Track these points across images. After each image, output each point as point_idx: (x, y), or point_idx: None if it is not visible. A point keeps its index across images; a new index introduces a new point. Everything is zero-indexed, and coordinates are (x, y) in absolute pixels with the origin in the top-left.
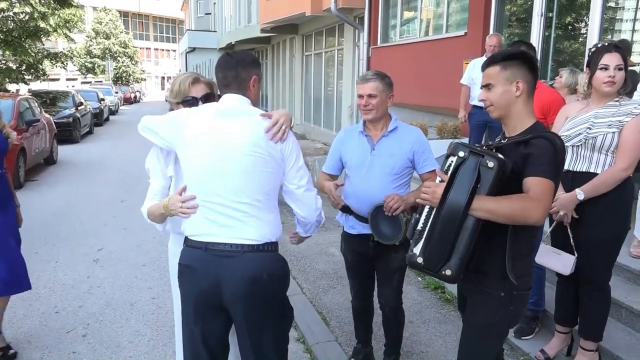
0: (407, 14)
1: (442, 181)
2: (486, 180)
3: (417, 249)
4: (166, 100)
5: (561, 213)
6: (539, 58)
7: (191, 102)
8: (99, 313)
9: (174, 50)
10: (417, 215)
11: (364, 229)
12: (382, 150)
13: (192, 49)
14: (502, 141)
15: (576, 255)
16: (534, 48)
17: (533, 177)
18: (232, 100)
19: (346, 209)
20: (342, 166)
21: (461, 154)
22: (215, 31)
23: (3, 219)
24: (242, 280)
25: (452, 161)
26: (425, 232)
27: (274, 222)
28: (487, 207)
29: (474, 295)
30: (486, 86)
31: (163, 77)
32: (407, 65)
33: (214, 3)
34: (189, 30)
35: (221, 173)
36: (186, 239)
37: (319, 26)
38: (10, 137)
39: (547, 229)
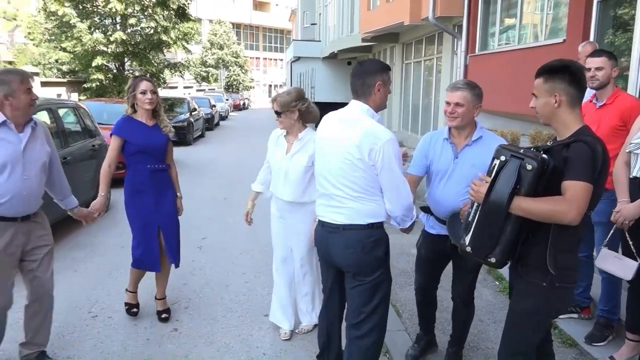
0: (507, 21)
1: (487, 181)
2: (526, 181)
3: (467, 239)
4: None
5: (626, 222)
6: (637, 65)
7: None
8: (199, 291)
9: (281, 60)
10: (470, 209)
11: (442, 229)
12: (464, 160)
13: (297, 58)
14: (548, 144)
15: (639, 261)
16: (614, 56)
17: (569, 180)
18: (352, 108)
19: (427, 209)
20: (427, 168)
21: (502, 157)
22: (319, 41)
23: (155, 207)
24: (342, 247)
25: (495, 163)
26: (473, 226)
27: (369, 210)
28: (523, 207)
29: (518, 283)
30: (534, 95)
31: (270, 85)
32: (504, 73)
33: (319, 14)
34: (295, 40)
35: (329, 172)
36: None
37: (419, 35)
38: (169, 134)
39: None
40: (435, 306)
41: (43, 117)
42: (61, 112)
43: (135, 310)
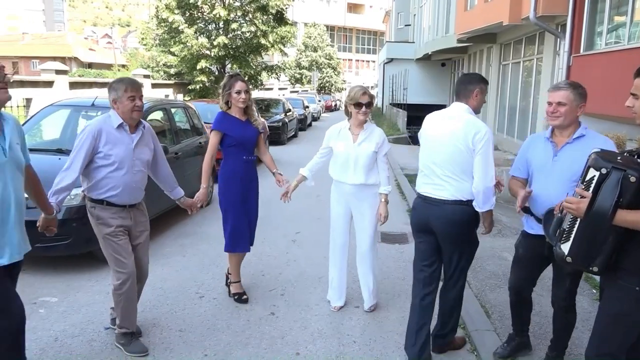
0: (617, 19)
1: (582, 196)
2: (628, 193)
3: (565, 248)
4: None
5: None
6: None
7: (358, 104)
8: (294, 280)
9: (373, 61)
10: (560, 214)
11: (541, 230)
12: (564, 157)
13: (390, 60)
14: None
15: None
16: None
17: None
18: (456, 107)
19: (527, 210)
20: (528, 170)
21: (603, 170)
22: (413, 42)
23: (246, 193)
24: (441, 219)
25: (594, 175)
26: (573, 236)
27: (467, 189)
28: (629, 220)
29: (610, 287)
30: (633, 95)
31: None
32: (612, 73)
33: (414, 15)
34: (388, 42)
35: (437, 157)
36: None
37: (518, 35)
38: (259, 128)
39: None
40: (530, 308)
41: (158, 115)
42: (174, 111)
43: (245, 297)
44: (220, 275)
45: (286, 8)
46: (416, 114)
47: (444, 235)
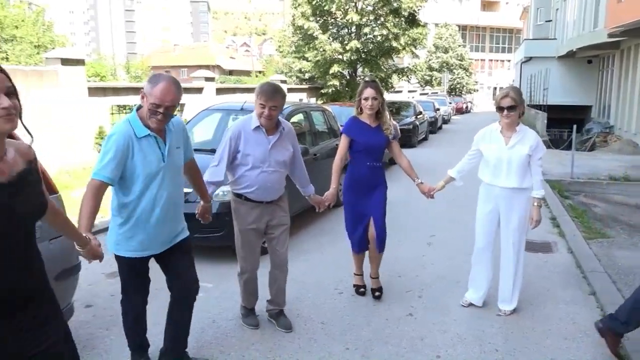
0: None
1: None
2: None
3: None
4: None
5: None
6: None
7: (500, 109)
8: (431, 283)
9: (509, 61)
10: None
11: None
12: None
13: (528, 59)
14: None
15: None
16: None
17: None
18: None
19: None
20: None
21: None
22: (554, 39)
23: (364, 200)
24: None
25: None
26: None
27: None
28: None
29: None
30: None
31: (495, 88)
32: None
33: (556, 9)
34: (526, 39)
35: None
36: None
37: None
38: (390, 135)
39: None
40: None
41: (299, 118)
42: (313, 114)
43: (362, 290)
44: None
45: (418, 10)
46: (557, 115)
47: None
